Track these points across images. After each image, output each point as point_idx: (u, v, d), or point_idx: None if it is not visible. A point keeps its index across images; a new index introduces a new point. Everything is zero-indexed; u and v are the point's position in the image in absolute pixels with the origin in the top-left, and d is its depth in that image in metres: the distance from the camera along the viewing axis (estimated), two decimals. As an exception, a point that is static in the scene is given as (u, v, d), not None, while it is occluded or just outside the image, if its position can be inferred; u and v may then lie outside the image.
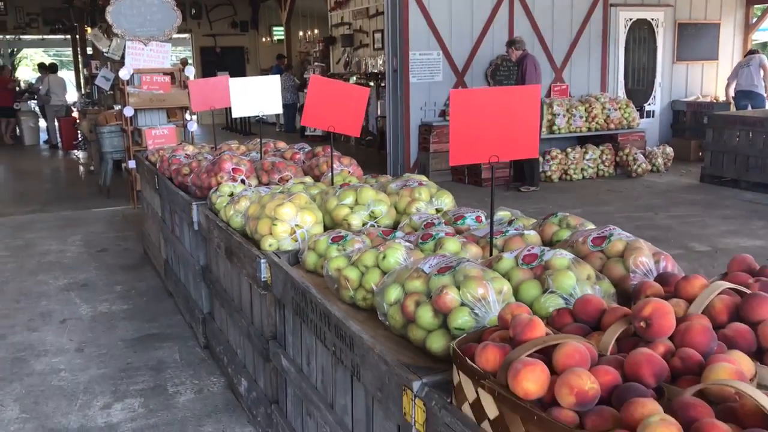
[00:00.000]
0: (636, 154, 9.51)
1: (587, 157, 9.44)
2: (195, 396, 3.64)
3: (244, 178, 3.93)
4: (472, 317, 1.86)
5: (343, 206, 3.03)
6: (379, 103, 12.18)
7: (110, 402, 3.58)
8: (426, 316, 1.92)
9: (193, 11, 19.12)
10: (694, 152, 10.75)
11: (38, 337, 4.47)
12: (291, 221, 2.93)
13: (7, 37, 21.53)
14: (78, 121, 13.13)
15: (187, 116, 8.57)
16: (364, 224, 2.99)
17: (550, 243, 2.51)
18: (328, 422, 2.37)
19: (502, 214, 2.89)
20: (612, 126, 9.68)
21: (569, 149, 9.41)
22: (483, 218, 2.83)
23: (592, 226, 2.55)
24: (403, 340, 2.02)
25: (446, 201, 3.19)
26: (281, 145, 4.91)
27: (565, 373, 1.34)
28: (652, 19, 11.01)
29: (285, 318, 2.78)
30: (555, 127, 9.35)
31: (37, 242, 6.80)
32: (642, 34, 11.03)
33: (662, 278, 1.98)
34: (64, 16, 18.73)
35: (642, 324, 1.52)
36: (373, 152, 12.73)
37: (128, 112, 7.97)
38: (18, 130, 16.27)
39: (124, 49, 8.17)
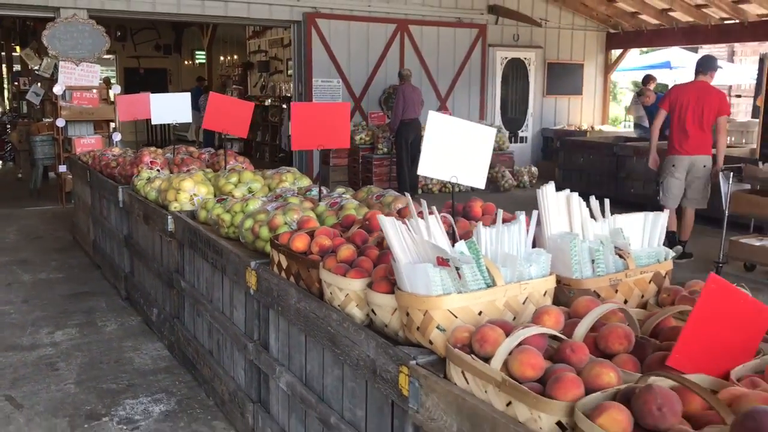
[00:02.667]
0: (504, 171, 11.20)
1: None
2: (118, 327, 4.88)
3: (159, 168, 5.23)
4: (288, 229, 3.24)
5: (228, 183, 4.38)
6: (289, 123, 13.54)
7: (53, 330, 4.78)
8: (264, 231, 3.29)
9: (119, 33, 20.07)
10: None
11: (-12, 295, 5.59)
12: (190, 191, 4.26)
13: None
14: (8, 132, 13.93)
15: (112, 127, 9.71)
16: (243, 196, 4.34)
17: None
18: (209, 312, 3.69)
19: (341, 189, 4.29)
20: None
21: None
22: (324, 191, 4.23)
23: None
24: (252, 251, 3.37)
25: (305, 182, 4.58)
26: (191, 149, 6.21)
27: (316, 236, 2.73)
28: (525, 59, 12.86)
29: (184, 255, 4.10)
30: (436, 147, 10.94)
31: (-24, 232, 7.82)
32: (516, 71, 12.85)
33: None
34: (-10, 33, 19.38)
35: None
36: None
37: (60, 123, 9.07)
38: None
39: (54, 68, 9.29)
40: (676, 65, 14.72)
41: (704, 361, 1.76)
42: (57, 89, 9.06)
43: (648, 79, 10.54)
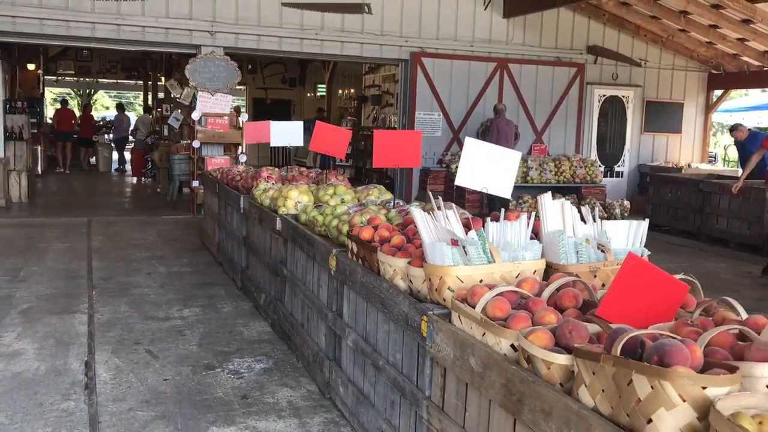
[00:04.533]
0: (594, 203, 11.69)
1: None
2: (232, 309, 5.96)
3: (274, 182, 6.32)
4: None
5: (326, 194, 5.37)
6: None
7: (181, 308, 5.93)
8: (345, 228, 4.22)
9: (250, 66, 22.06)
10: (654, 208, 12.86)
11: (133, 280, 6.85)
12: (295, 198, 5.29)
13: (87, 79, 24.87)
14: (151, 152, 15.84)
15: (239, 151, 11.11)
16: (335, 204, 5.31)
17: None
18: (302, 291, 4.66)
19: (415, 203, 5.18)
20: (577, 180, 11.92)
21: (539, 196, 11.63)
22: (401, 203, 5.13)
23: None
24: (336, 243, 4.30)
25: (387, 196, 5.50)
26: (303, 169, 7.31)
27: (378, 228, 3.64)
28: (623, 96, 13.32)
29: (287, 249, 5.11)
30: (528, 178, 11.63)
31: (123, 233, 9.29)
32: (614, 108, 13.33)
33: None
34: (140, 65, 21.89)
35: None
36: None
37: (196, 144, 10.54)
38: (94, 159, 19.18)
39: (192, 97, 10.80)
40: (783, 106, 14.67)
41: (625, 316, 2.48)
42: (195, 115, 10.55)
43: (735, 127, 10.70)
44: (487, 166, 3.59)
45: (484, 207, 11.21)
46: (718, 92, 13.89)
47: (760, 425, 1.58)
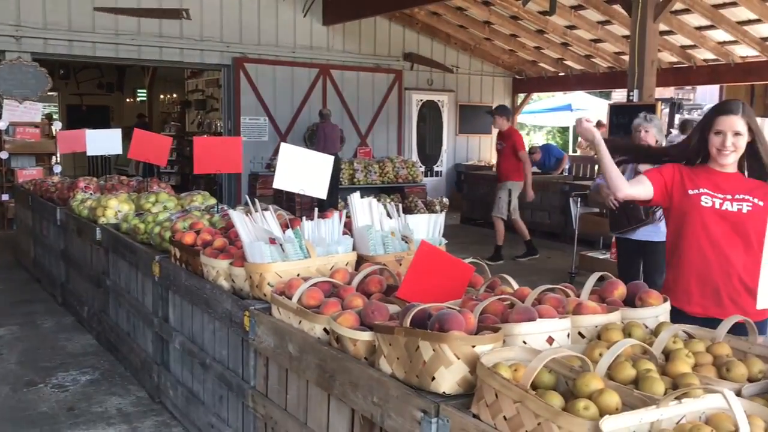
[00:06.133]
0: (417, 201, 12.41)
1: (390, 203, 12.23)
2: (54, 324, 5.78)
3: (93, 192, 6.19)
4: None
5: (147, 202, 5.37)
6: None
7: (-3, 328, 5.66)
8: (167, 234, 4.30)
9: (62, 71, 20.80)
10: (470, 203, 13.84)
11: (-62, 303, 6.40)
12: (115, 208, 5.25)
13: None
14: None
15: (53, 161, 10.57)
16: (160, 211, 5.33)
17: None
18: (127, 301, 4.66)
19: (240, 207, 5.32)
20: (400, 180, 12.58)
21: (349, 196, 12.17)
22: (225, 208, 5.25)
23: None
24: (159, 250, 4.35)
25: (212, 201, 5.60)
26: (123, 177, 7.18)
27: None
28: (439, 101, 14.20)
29: (109, 259, 5.07)
30: (355, 180, 12.09)
31: None
32: (431, 112, 14.19)
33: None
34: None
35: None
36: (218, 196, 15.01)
37: (3, 155, 9.90)
38: None
39: (-1, 105, 10.14)
40: (577, 107, 16.33)
41: (421, 296, 2.82)
42: (1, 125, 9.90)
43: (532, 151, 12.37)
44: (303, 170, 3.85)
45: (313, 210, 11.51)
46: (522, 95, 15.19)
47: (515, 372, 1.96)
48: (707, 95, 17.73)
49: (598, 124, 14.04)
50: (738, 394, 1.86)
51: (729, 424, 1.66)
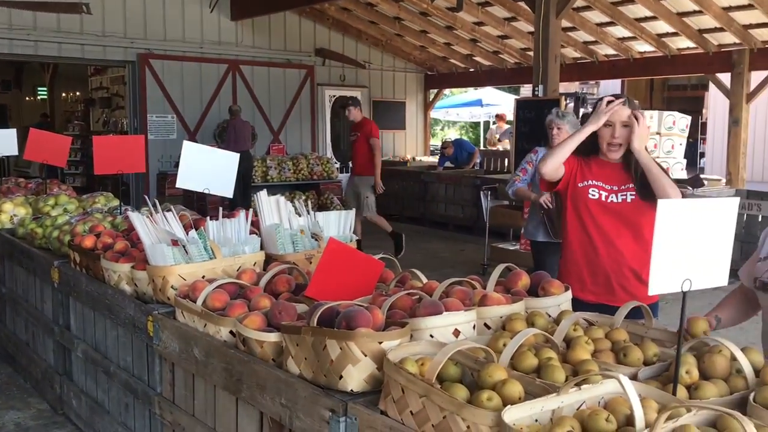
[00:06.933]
0: (332, 197, 12.37)
1: (298, 200, 12.11)
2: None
3: (-14, 196, 5.83)
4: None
5: (46, 205, 5.12)
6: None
7: None
8: (67, 238, 4.10)
9: (-49, 69, 19.62)
10: (386, 199, 13.92)
11: None
12: (10, 212, 4.97)
13: None
14: None
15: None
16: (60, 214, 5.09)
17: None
18: (25, 309, 4.43)
19: (145, 209, 5.14)
20: (315, 177, 12.50)
21: (280, 195, 12.01)
22: (130, 209, 5.06)
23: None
24: (59, 255, 4.15)
25: (115, 203, 5.39)
26: (21, 179, 6.80)
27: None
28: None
29: (4, 266, 4.80)
30: (269, 177, 11.93)
31: None
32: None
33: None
34: None
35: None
36: (125, 197, 14.51)
37: None
38: None
39: None
40: (488, 102, 16.68)
41: (331, 294, 2.79)
42: None
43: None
44: (207, 168, 3.75)
45: (225, 209, 11.28)
46: (434, 91, 15.37)
47: (422, 366, 1.96)
48: (610, 90, 18.47)
49: (499, 118, 14.52)
50: (634, 377, 1.93)
51: (625, 408, 1.70)
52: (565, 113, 5.19)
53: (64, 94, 19.68)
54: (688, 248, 1.87)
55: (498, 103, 16.87)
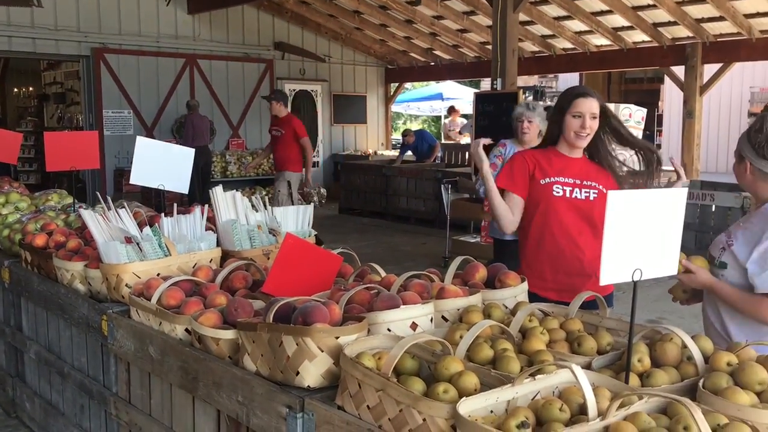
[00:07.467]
0: (300, 192, 12.28)
1: (255, 196, 12.01)
2: None
3: (-67, 195, 5.65)
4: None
5: (-4, 203, 4.98)
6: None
7: None
8: (18, 237, 3.99)
9: None
10: (347, 193, 13.88)
11: None
12: (-42, 211, 4.82)
13: None
14: None
15: None
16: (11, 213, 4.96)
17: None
18: (-26, 311, 4.30)
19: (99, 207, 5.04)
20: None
21: (241, 191, 11.91)
22: (84, 207, 4.95)
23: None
24: (10, 255, 4.04)
25: (69, 200, 5.27)
26: (-30, 177, 6.61)
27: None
28: (312, 91, 14.11)
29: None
30: (228, 173, 11.81)
31: None
32: (305, 102, 14.07)
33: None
34: None
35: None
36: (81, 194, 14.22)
37: None
38: None
39: None
40: (449, 96, 16.75)
41: (289, 290, 2.77)
42: None
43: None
44: (161, 164, 3.69)
45: (184, 204, 11.14)
46: (395, 85, 15.37)
47: (379, 360, 1.95)
48: (569, 83, 18.70)
49: (451, 110, 14.66)
50: (588, 366, 1.95)
51: (579, 397, 1.72)
52: (536, 105, 4.98)
53: (16, 90, 19.17)
54: (639, 238, 1.90)
55: (459, 97, 16.95)
